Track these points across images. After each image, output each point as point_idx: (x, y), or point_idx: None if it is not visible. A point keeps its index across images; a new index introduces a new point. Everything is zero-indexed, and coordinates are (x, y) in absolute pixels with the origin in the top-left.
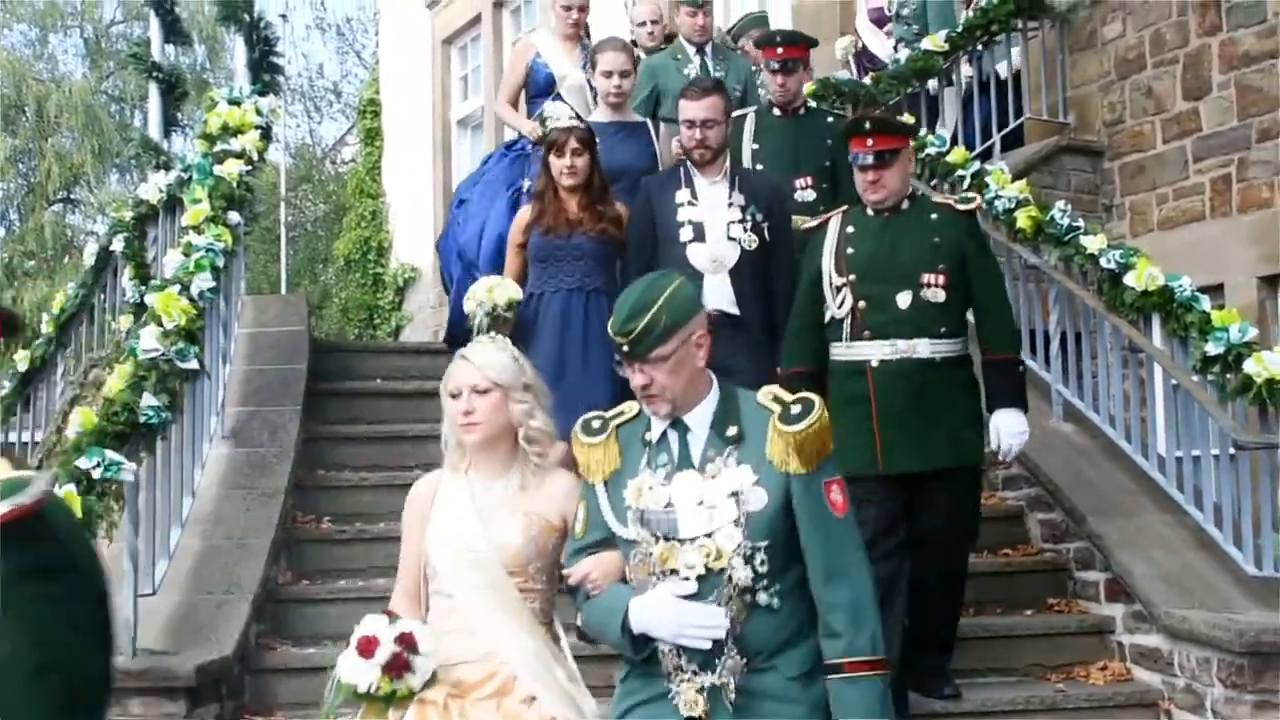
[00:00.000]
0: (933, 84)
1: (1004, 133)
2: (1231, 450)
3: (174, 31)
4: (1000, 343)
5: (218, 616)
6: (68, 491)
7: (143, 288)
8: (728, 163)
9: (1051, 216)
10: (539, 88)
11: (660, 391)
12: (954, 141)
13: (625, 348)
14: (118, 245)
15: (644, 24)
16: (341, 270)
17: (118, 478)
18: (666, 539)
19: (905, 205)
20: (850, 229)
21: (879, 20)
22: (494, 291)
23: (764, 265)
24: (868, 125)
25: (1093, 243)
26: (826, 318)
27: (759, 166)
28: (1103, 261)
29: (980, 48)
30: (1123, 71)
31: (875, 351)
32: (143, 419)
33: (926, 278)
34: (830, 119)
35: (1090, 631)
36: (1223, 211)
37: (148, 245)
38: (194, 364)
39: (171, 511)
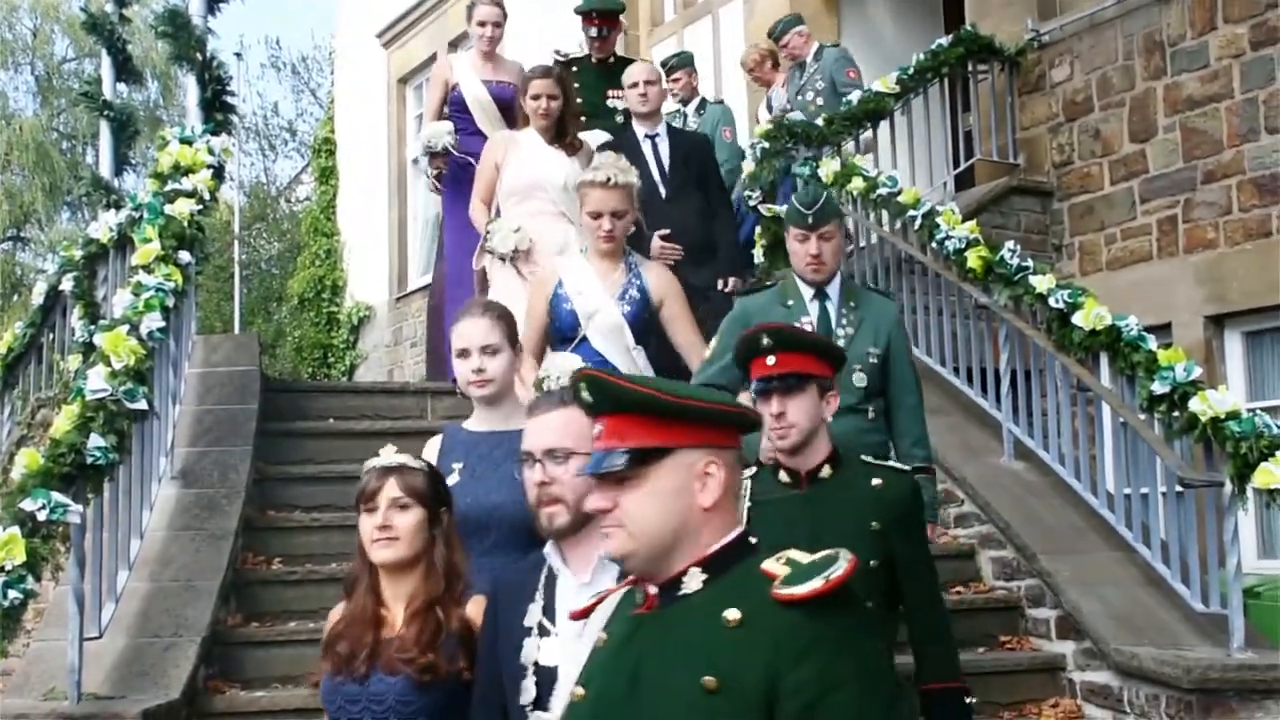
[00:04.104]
0: None
1: (956, 172)
2: (1178, 488)
3: (126, 70)
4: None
5: (165, 660)
6: (11, 535)
7: (92, 327)
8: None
9: (1001, 256)
10: (563, 332)
11: None
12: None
13: None
14: (67, 284)
15: (635, 85)
16: (296, 309)
17: (64, 520)
18: None
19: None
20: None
21: None
22: None
23: None
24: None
25: (1041, 282)
26: None
27: None
28: (1051, 301)
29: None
30: (1071, 114)
31: None
32: (90, 460)
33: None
34: (877, 480)
35: (1041, 669)
36: (1169, 252)
37: (97, 284)
38: (142, 404)
39: (119, 553)
